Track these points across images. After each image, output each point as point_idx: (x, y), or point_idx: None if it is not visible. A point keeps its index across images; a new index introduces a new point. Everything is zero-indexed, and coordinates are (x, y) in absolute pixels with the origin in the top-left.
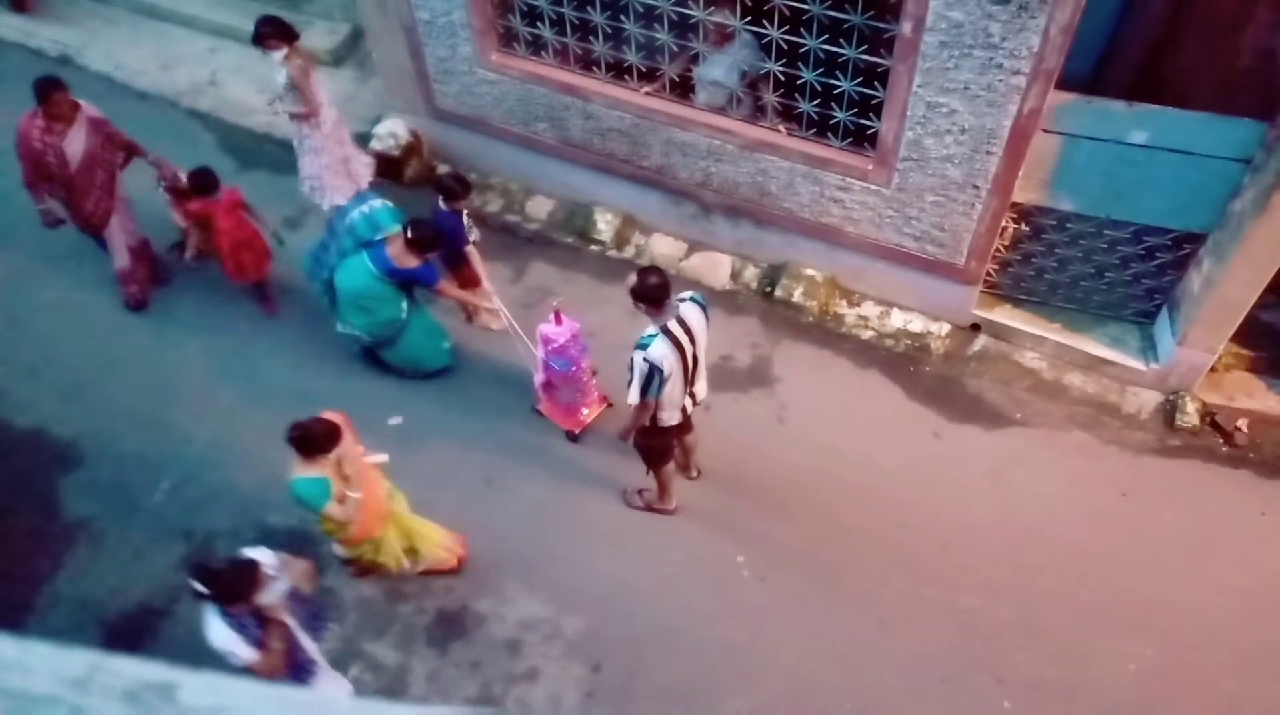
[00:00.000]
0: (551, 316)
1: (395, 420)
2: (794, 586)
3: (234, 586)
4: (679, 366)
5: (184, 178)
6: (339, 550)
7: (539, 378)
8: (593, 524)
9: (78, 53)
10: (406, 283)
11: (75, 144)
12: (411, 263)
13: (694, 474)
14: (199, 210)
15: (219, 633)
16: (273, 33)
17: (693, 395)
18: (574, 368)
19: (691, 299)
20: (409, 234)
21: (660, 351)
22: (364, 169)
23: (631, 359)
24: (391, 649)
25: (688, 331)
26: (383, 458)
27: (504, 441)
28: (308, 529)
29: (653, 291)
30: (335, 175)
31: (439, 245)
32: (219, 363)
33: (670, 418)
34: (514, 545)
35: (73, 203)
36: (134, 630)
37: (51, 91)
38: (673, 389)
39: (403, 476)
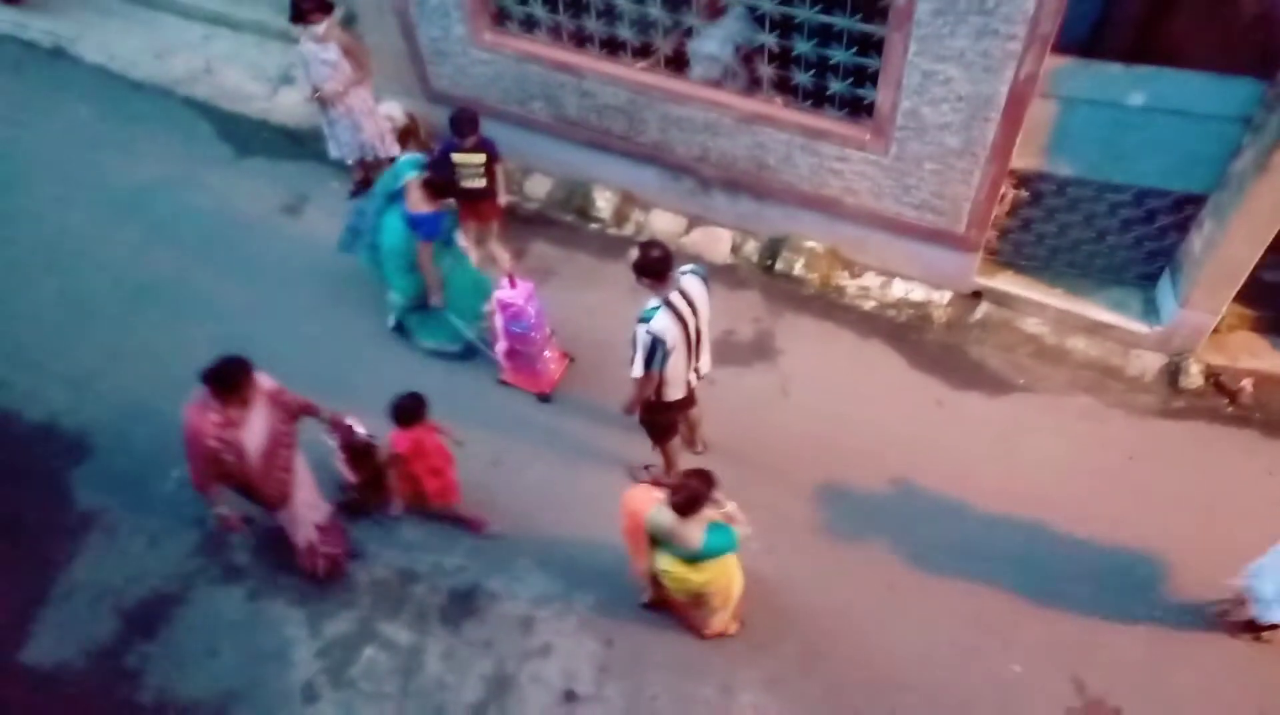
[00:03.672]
0: (505, 281)
1: None
2: (802, 557)
3: None
4: (681, 338)
5: (360, 431)
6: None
7: (501, 347)
8: (601, 500)
9: (71, 44)
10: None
11: (256, 432)
12: (424, 208)
13: (700, 448)
14: (411, 447)
15: None
16: (315, 5)
17: (696, 369)
18: (533, 330)
19: (692, 271)
20: (427, 175)
21: (663, 323)
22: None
23: (635, 333)
24: (405, 629)
25: (690, 303)
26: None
27: (510, 420)
28: None
29: (655, 264)
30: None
31: (452, 191)
32: (220, 347)
33: (675, 392)
34: (524, 523)
35: (249, 492)
36: (150, 617)
37: (240, 378)
38: (676, 363)
39: None
